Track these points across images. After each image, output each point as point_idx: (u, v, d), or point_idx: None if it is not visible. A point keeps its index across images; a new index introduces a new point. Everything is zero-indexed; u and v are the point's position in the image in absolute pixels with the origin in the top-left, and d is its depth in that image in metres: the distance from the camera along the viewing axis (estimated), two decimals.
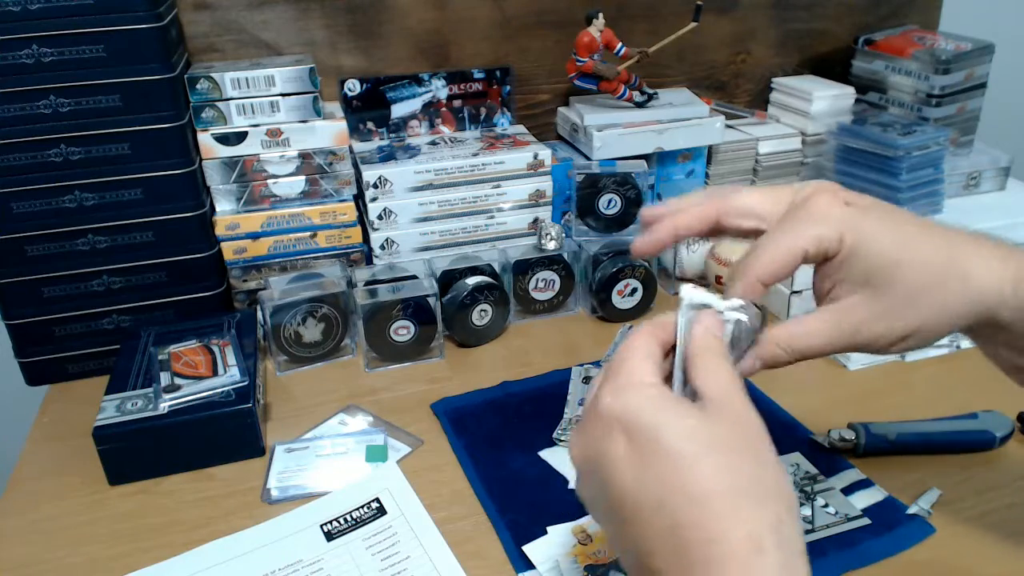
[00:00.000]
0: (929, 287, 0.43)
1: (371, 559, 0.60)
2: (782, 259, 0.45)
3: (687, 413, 0.38)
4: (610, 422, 0.39)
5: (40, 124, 0.75)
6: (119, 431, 0.67)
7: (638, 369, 0.40)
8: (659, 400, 0.39)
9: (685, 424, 0.37)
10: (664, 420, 0.38)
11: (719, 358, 0.41)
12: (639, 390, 0.39)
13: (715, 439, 0.37)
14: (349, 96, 0.99)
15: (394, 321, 0.83)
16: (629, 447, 0.38)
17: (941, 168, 0.98)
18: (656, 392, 0.39)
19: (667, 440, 0.37)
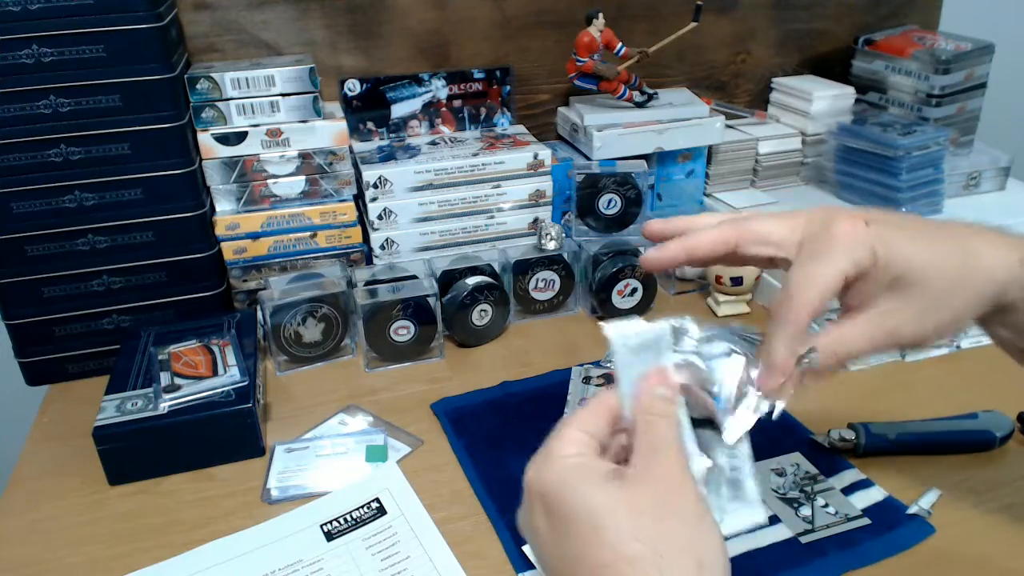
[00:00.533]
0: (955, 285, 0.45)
1: (371, 559, 0.60)
2: (827, 288, 0.45)
3: (604, 483, 0.38)
4: (531, 495, 0.41)
5: (40, 124, 0.75)
6: (119, 431, 0.67)
7: (564, 440, 0.41)
8: (577, 471, 0.39)
9: (600, 494, 0.38)
10: (579, 491, 0.38)
11: (655, 418, 0.42)
12: (557, 462, 0.40)
13: (630, 506, 0.37)
14: (349, 96, 0.99)
15: (394, 321, 0.83)
16: (547, 520, 0.39)
17: (941, 168, 0.98)
18: (575, 463, 0.40)
19: (580, 511, 0.37)
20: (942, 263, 0.45)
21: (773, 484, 0.66)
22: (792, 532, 0.61)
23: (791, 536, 0.61)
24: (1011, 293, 0.46)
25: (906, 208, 0.96)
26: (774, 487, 0.65)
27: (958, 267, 0.46)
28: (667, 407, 0.42)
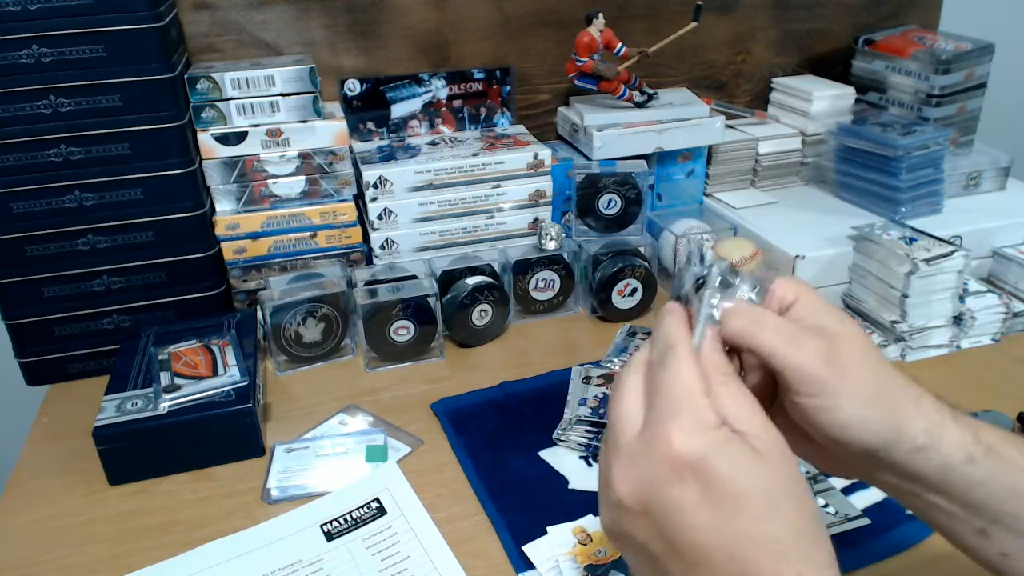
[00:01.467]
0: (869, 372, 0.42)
1: (371, 559, 0.60)
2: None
3: (754, 464, 0.37)
4: (680, 467, 0.37)
5: (40, 124, 0.75)
6: (119, 431, 0.67)
7: (705, 409, 0.39)
8: (733, 450, 0.38)
9: (755, 476, 0.37)
10: (739, 472, 0.37)
11: (740, 385, 0.40)
12: (714, 436, 0.38)
13: (777, 486, 0.37)
14: (349, 96, 0.99)
15: (394, 321, 0.83)
16: (704, 495, 0.37)
17: (941, 168, 0.98)
18: (726, 439, 0.38)
19: (744, 492, 0.37)
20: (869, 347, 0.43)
21: None
22: None
23: None
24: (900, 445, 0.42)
25: (906, 208, 0.96)
26: None
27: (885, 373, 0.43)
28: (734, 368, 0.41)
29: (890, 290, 0.83)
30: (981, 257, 0.95)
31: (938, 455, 0.42)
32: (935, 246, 0.82)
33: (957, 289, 0.82)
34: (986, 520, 0.44)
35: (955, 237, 0.92)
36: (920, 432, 0.42)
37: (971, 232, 0.94)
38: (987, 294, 0.87)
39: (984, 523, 0.44)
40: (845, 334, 0.42)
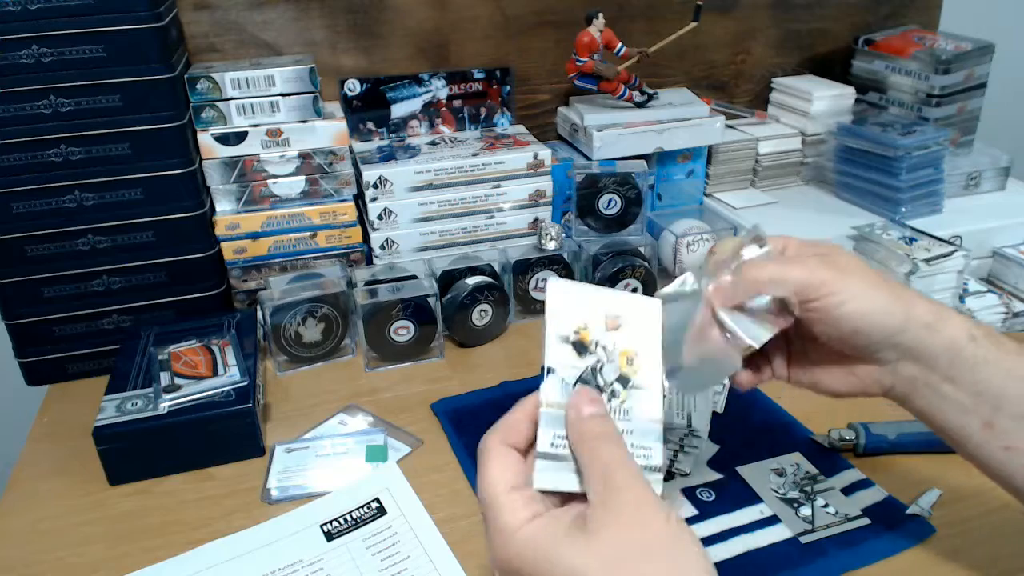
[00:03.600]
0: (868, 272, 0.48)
1: (371, 559, 0.60)
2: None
3: (571, 545, 0.37)
4: (505, 572, 0.39)
5: (40, 124, 0.75)
6: (119, 431, 0.67)
7: (508, 508, 0.40)
8: (543, 536, 0.38)
9: (574, 555, 0.37)
10: (553, 559, 0.37)
11: (596, 442, 0.41)
12: (517, 534, 0.39)
13: (605, 560, 0.37)
14: (349, 96, 0.99)
15: (394, 321, 0.83)
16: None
17: (941, 168, 0.98)
18: (535, 529, 0.39)
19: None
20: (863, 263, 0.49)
21: (773, 484, 0.66)
22: (792, 532, 0.61)
23: (791, 536, 0.61)
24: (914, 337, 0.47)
25: (906, 208, 0.96)
26: (774, 487, 0.65)
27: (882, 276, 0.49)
28: (604, 425, 0.42)
29: None
30: (981, 257, 0.95)
31: (945, 333, 0.47)
32: (935, 246, 0.82)
33: (957, 289, 0.82)
34: (991, 408, 0.46)
35: (955, 237, 0.92)
36: (925, 312, 0.47)
37: (971, 232, 0.94)
38: (987, 294, 0.87)
39: (990, 412, 0.47)
40: (836, 251, 0.49)
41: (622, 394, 0.44)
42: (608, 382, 0.44)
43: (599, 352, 0.45)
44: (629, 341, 0.46)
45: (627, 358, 0.45)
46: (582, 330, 0.45)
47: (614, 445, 0.41)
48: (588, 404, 0.42)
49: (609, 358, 0.45)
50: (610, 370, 0.45)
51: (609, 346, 0.45)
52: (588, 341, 0.45)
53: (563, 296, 0.45)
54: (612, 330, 0.45)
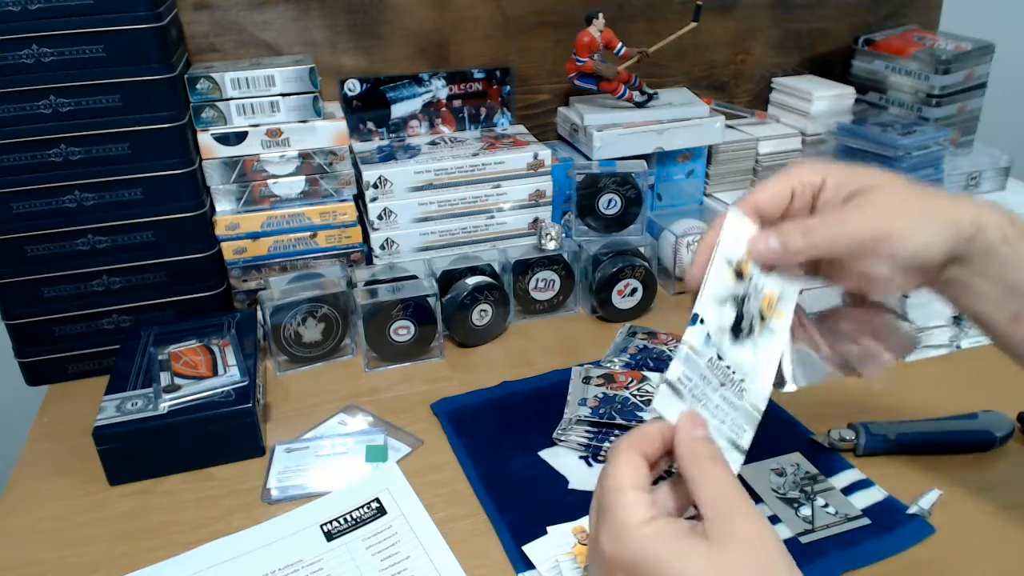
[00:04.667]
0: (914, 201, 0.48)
1: (371, 559, 0.60)
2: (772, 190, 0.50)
3: (691, 549, 0.38)
4: (613, 569, 0.40)
5: (40, 124, 0.75)
6: (119, 431, 0.67)
7: (630, 506, 0.40)
8: (662, 539, 0.39)
9: (693, 559, 0.38)
10: (672, 561, 0.38)
11: (709, 463, 0.42)
12: (635, 531, 0.39)
13: (722, 570, 0.38)
14: (349, 96, 0.99)
15: (394, 321, 0.83)
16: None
17: (941, 168, 0.98)
18: (654, 530, 0.39)
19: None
20: (899, 180, 0.49)
21: (773, 484, 0.66)
22: (792, 532, 0.61)
23: (791, 536, 0.61)
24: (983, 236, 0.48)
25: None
26: (774, 487, 0.65)
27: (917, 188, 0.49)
28: (712, 448, 0.43)
29: None
30: None
31: (982, 237, 0.48)
32: None
33: None
34: (1018, 303, 0.49)
35: None
36: (968, 224, 0.48)
37: None
38: None
39: (1017, 306, 0.49)
40: (878, 185, 0.49)
41: (757, 328, 0.49)
42: (750, 314, 0.49)
43: (750, 286, 0.49)
44: (776, 287, 0.50)
45: (769, 301, 0.50)
46: (744, 261, 0.49)
47: (725, 468, 0.42)
48: (697, 427, 0.44)
49: (755, 295, 0.49)
50: (754, 306, 0.49)
51: (759, 284, 0.49)
52: (746, 272, 0.49)
53: (738, 225, 0.50)
54: (765, 272, 0.50)
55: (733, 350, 0.48)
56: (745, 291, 0.49)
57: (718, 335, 0.47)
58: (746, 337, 0.48)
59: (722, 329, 0.48)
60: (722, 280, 0.48)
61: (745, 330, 0.48)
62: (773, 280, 0.50)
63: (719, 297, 0.48)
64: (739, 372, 0.47)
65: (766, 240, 0.49)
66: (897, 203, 0.48)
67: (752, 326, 0.49)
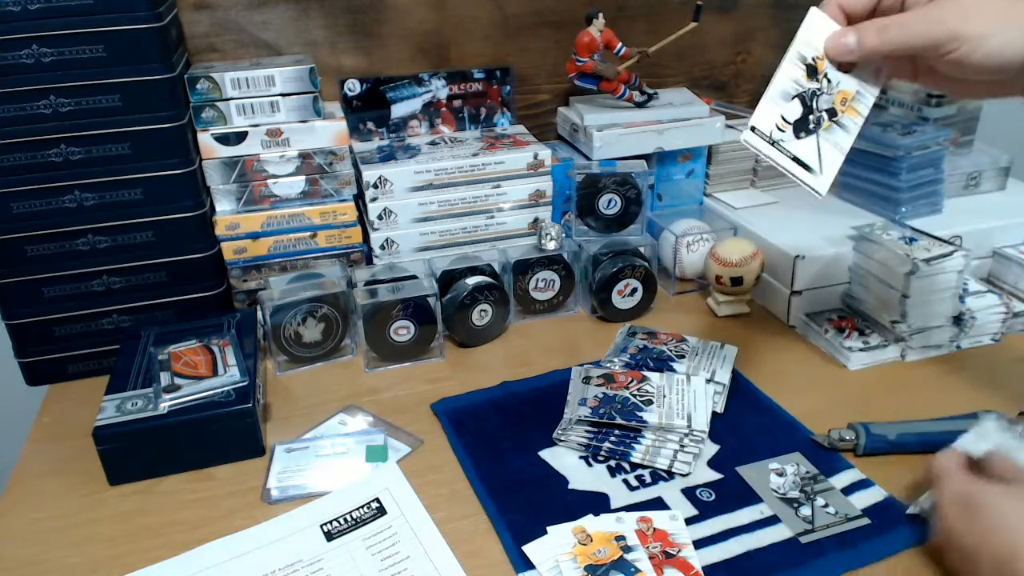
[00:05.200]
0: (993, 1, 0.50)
1: (371, 559, 0.60)
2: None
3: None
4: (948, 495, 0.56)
5: (40, 124, 0.75)
6: (119, 431, 0.67)
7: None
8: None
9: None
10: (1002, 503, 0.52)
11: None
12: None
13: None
14: (349, 96, 0.99)
15: (394, 321, 0.83)
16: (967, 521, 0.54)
17: (941, 168, 0.98)
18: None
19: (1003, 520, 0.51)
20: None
21: (773, 484, 0.66)
22: (792, 532, 0.61)
23: (791, 536, 0.61)
24: None
25: (906, 208, 0.96)
26: (774, 487, 0.65)
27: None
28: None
29: (890, 290, 0.83)
30: (981, 257, 0.96)
31: None
32: (935, 246, 0.82)
33: (957, 289, 0.82)
34: None
35: (955, 237, 0.92)
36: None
37: (971, 232, 0.94)
38: (987, 294, 0.87)
39: None
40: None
41: (825, 123, 0.53)
42: (819, 109, 0.53)
43: (823, 82, 0.53)
44: (852, 85, 0.53)
45: (843, 99, 0.53)
46: (819, 58, 0.53)
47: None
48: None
49: (829, 91, 0.53)
50: (825, 101, 0.53)
51: (834, 81, 0.53)
52: (821, 69, 0.53)
53: (818, 23, 0.53)
54: (841, 72, 0.53)
55: (793, 144, 0.52)
56: (817, 88, 0.52)
57: (778, 132, 0.52)
58: (810, 133, 0.53)
59: (785, 123, 0.52)
60: (793, 75, 0.52)
61: (812, 124, 0.52)
62: (850, 79, 0.53)
63: (786, 93, 0.52)
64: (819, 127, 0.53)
65: (843, 36, 0.52)
66: (980, 4, 0.49)
67: (819, 121, 0.53)
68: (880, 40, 0.51)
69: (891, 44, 0.51)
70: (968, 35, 0.49)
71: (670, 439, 0.70)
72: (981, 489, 0.52)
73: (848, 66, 0.54)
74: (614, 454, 0.70)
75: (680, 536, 0.60)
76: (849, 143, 0.54)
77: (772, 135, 0.53)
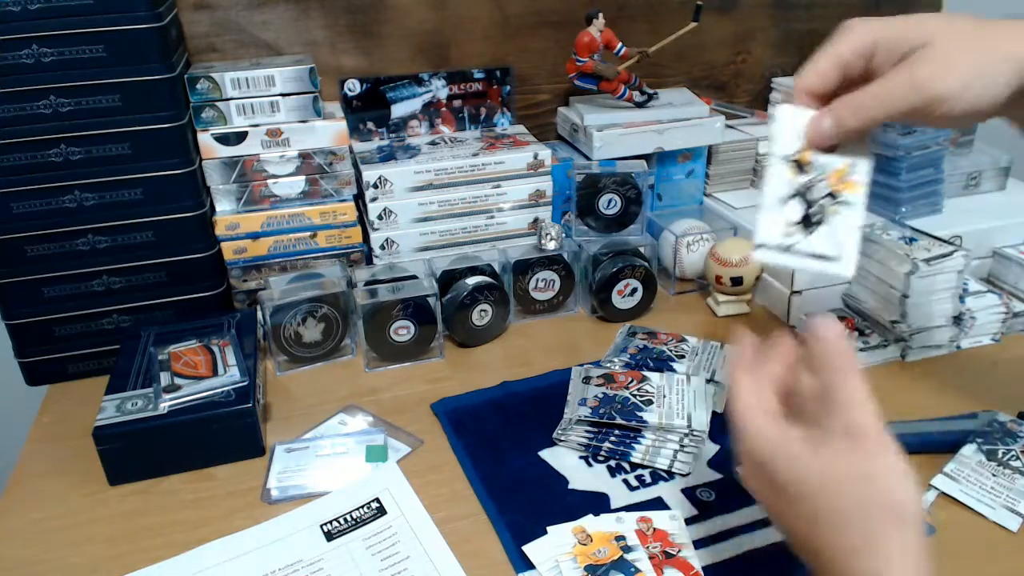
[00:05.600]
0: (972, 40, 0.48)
1: (371, 559, 0.60)
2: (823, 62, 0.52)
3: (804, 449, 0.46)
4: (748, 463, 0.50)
5: (40, 124, 0.75)
6: (119, 431, 0.67)
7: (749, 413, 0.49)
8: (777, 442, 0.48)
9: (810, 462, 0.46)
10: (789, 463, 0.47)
11: (839, 374, 0.46)
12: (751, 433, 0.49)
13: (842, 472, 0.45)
14: (349, 96, 0.99)
15: (394, 321, 0.83)
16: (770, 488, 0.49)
17: (941, 168, 0.98)
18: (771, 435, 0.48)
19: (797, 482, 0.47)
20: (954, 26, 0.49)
21: None
22: None
23: None
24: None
25: (906, 208, 0.96)
26: None
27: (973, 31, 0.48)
28: (845, 347, 0.46)
29: (890, 290, 0.83)
30: (981, 257, 0.95)
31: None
32: (935, 246, 0.82)
33: (957, 289, 0.82)
34: None
35: (955, 237, 0.92)
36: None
37: (971, 232, 0.94)
38: (987, 294, 0.87)
39: None
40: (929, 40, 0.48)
41: (830, 208, 0.52)
42: (819, 198, 0.52)
43: (813, 172, 0.52)
44: (842, 161, 0.52)
45: (839, 177, 0.52)
46: (802, 151, 0.52)
47: (852, 370, 0.46)
48: (834, 330, 0.47)
49: (822, 177, 0.52)
50: (822, 188, 0.52)
51: (824, 165, 0.52)
52: (806, 160, 0.52)
53: (790, 119, 0.52)
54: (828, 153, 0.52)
55: (807, 242, 0.51)
56: (810, 180, 0.51)
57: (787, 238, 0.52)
58: (819, 224, 0.51)
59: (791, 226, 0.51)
60: (781, 178, 0.52)
61: (818, 216, 0.51)
62: (838, 157, 0.52)
63: (781, 197, 0.51)
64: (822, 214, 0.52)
65: (820, 123, 0.51)
66: (949, 58, 0.47)
67: (823, 209, 0.52)
68: (858, 119, 0.50)
69: (869, 120, 0.50)
70: (945, 95, 0.48)
71: (670, 439, 0.70)
72: (775, 451, 0.47)
73: (831, 147, 0.53)
74: (614, 454, 0.70)
75: (680, 536, 0.60)
76: (861, 216, 0.52)
77: (783, 243, 0.53)
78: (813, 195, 0.52)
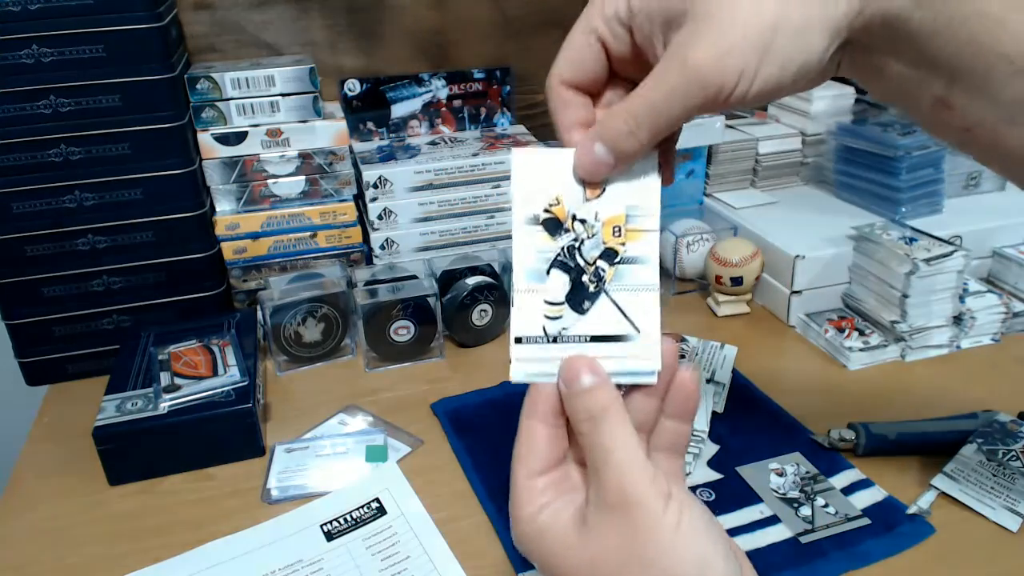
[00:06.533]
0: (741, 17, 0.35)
1: (371, 559, 0.60)
2: (572, 49, 0.41)
3: (567, 542, 0.37)
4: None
5: (40, 124, 0.75)
6: (119, 431, 0.67)
7: (518, 500, 0.41)
8: (540, 534, 0.39)
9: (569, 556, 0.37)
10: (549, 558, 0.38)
11: (590, 425, 0.38)
12: (520, 527, 0.40)
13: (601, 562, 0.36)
14: (349, 96, 0.99)
15: (394, 321, 0.83)
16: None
17: (941, 168, 0.98)
18: (536, 527, 0.39)
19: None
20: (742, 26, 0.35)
21: (773, 484, 0.66)
22: (792, 532, 0.61)
23: (791, 536, 0.61)
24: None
25: (906, 208, 0.96)
26: (774, 487, 0.65)
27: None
28: (605, 397, 0.37)
29: (890, 290, 0.83)
30: (981, 257, 0.95)
31: (878, 9, 0.35)
32: (935, 246, 0.82)
33: (957, 289, 0.82)
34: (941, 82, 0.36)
35: (955, 237, 0.92)
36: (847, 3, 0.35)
37: (971, 232, 0.94)
38: (987, 294, 0.87)
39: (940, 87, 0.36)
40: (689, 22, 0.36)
41: (609, 272, 0.39)
42: (590, 260, 0.39)
43: (576, 227, 0.39)
44: (615, 206, 0.39)
45: (614, 227, 0.39)
46: (554, 206, 0.39)
47: (617, 425, 0.37)
48: (586, 373, 0.38)
49: (590, 231, 0.39)
50: (592, 245, 0.39)
51: (591, 215, 0.39)
52: (564, 217, 0.39)
53: (529, 168, 0.38)
54: (593, 199, 0.39)
55: (582, 323, 0.38)
56: (572, 240, 0.39)
57: (554, 323, 0.39)
58: (596, 296, 0.39)
59: (555, 306, 0.39)
60: (531, 245, 0.39)
61: (592, 285, 0.39)
62: (607, 199, 0.39)
63: (535, 272, 0.39)
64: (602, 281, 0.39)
65: (589, 153, 0.38)
66: (726, 28, 0.35)
67: (599, 274, 0.39)
68: (637, 139, 0.37)
69: (651, 134, 0.37)
70: (729, 81, 0.35)
71: None
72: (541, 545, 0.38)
73: (596, 187, 0.39)
74: None
75: None
76: (655, 273, 0.39)
77: (548, 332, 0.39)
78: (582, 258, 0.39)
